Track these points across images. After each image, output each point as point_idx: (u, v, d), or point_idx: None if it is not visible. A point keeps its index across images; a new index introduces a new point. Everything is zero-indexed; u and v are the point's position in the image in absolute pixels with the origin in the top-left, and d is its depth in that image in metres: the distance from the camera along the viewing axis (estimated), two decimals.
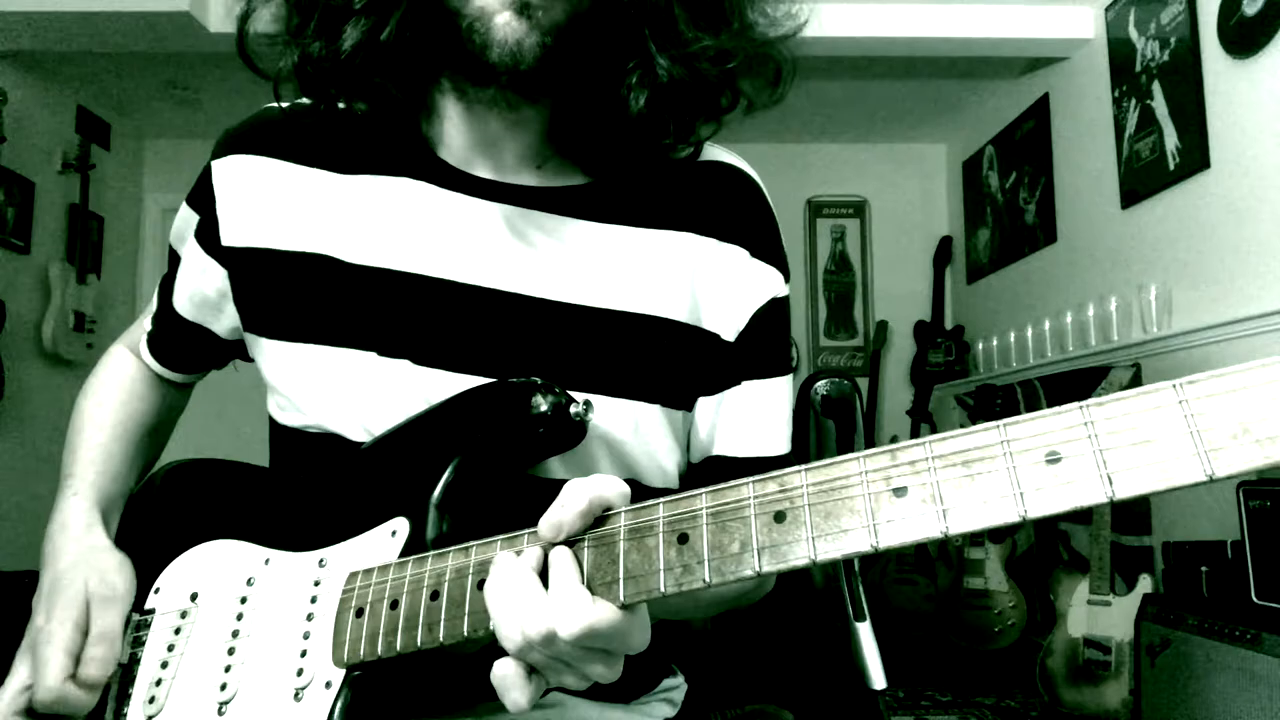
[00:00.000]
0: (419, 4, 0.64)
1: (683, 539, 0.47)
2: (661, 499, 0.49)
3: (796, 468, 0.46)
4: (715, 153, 0.77)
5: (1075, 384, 3.21)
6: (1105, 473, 0.37)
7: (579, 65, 0.64)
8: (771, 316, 0.74)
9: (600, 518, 0.51)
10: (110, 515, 0.77)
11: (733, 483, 0.47)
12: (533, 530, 0.53)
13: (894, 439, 4.21)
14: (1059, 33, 3.24)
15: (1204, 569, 2.13)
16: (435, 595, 0.56)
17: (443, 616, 0.55)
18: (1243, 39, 2.43)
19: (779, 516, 0.45)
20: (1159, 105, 2.80)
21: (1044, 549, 3.42)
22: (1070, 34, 3.24)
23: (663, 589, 0.47)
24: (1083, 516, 2.97)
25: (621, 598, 0.48)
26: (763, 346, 0.74)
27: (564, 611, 0.48)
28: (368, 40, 0.65)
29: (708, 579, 0.46)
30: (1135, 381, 2.87)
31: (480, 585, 0.54)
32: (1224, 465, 0.35)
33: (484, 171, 0.72)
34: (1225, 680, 1.92)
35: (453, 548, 0.57)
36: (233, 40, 0.69)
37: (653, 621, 0.76)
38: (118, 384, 0.85)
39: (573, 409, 0.62)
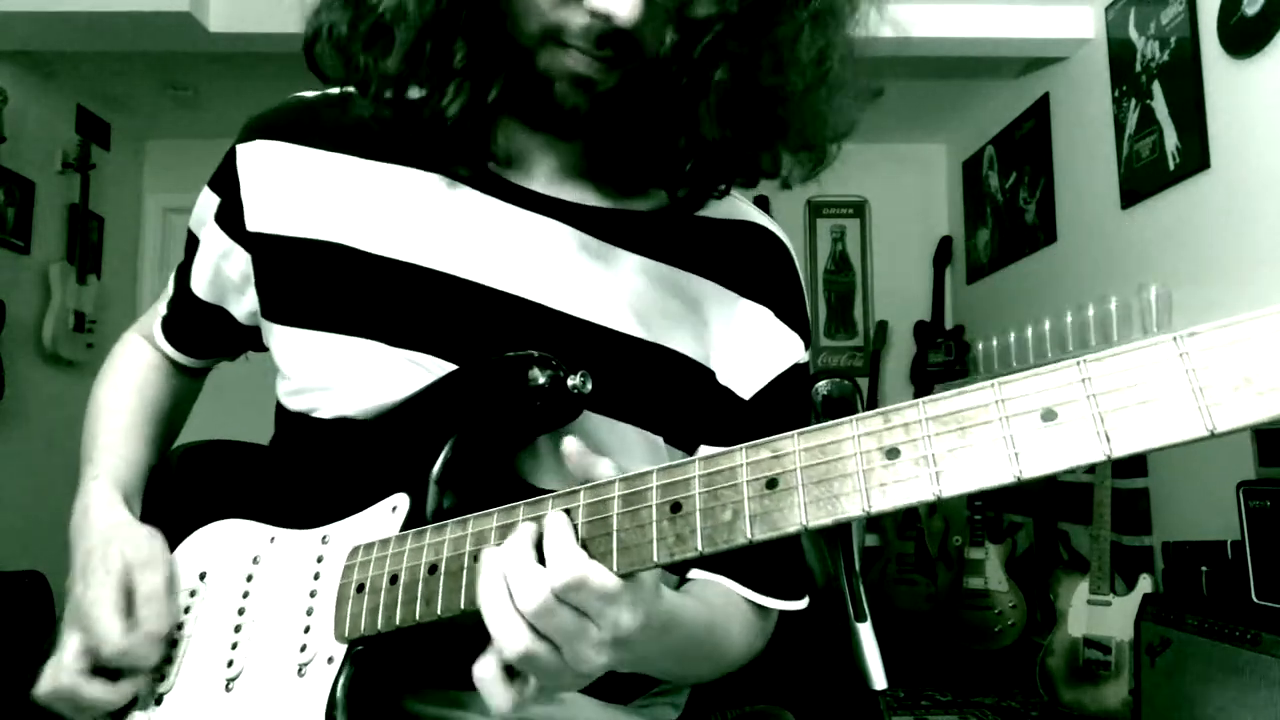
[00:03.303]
0: (516, 70, 0.65)
1: (675, 508, 0.47)
2: (655, 467, 0.49)
3: (789, 433, 0.45)
4: (750, 213, 0.79)
5: None
6: (1102, 429, 0.35)
7: (626, 114, 0.67)
8: (792, 381, 0.75)
9: (595, 485, 0.51)
10: (131, 498, 0.77)
11: (726, 449, 0.47)
12: (529, 501, 0.54)
13: None
14: (1059, 33, 3.24)
15: (1204, 569, 2.13)
16: (433, 569, 0.56)
17: (440, 589, 0.55)
18: (1243, 39, 2.43)
19: (771, 483, 0.44)
20: (1159, 105, 2.79)
21: (1044, 549, 3.42)
22: (1070, 34, 3.24)
23: (655, 558, 0.47)
24: (1082, 515, 2.97)
25: (615, 568, 0.48)
26: (782, 409, 0.74)
27: (558, 568, 0.47)
28: (472, 102, 0.66)
29: (700, 547, 0.45)
30: None
31: (476, 558, 0.54)
32: (1226, 419, 0.33)
33: (518, 180, 0.72)
34: (1225, 680, 1.92)
35: (450, 520, 0.58)
36: (232, 40, 0.70)
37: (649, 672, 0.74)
38: (132, 371, 0.85)
39: (570, 381, 0.61)
